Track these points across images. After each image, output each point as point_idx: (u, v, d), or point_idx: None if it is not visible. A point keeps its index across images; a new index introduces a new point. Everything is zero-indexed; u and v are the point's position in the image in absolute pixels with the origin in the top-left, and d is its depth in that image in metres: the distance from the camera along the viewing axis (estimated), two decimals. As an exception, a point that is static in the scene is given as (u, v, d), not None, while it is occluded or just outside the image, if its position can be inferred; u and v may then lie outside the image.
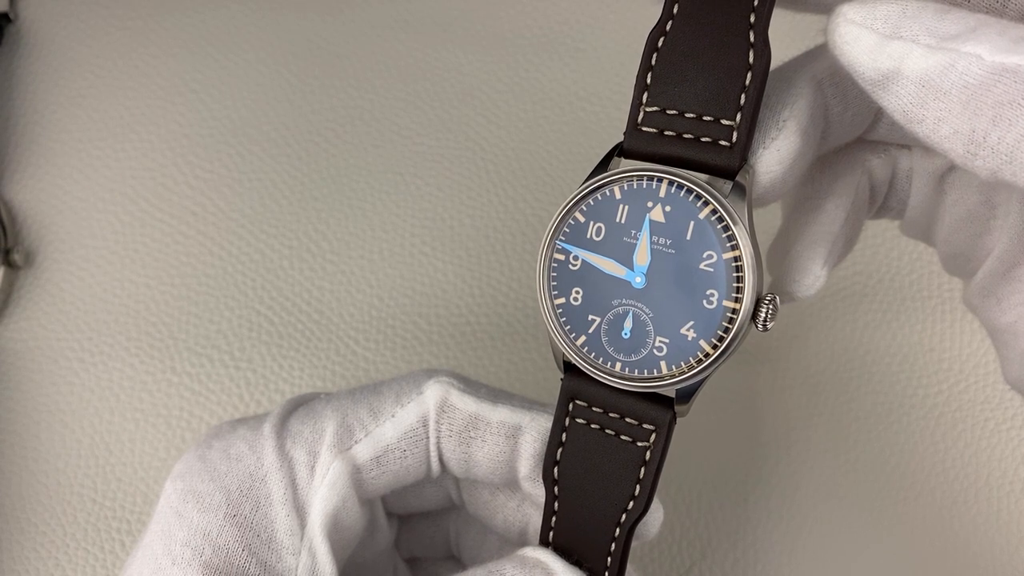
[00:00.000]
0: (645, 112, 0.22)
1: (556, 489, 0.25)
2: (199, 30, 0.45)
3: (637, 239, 0.23)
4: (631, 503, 0.24)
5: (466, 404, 0.25)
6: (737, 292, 0.22)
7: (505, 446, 0.25)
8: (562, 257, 0.24)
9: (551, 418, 0.25)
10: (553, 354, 0.24)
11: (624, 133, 0.23)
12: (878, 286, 0.40)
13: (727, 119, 0.21)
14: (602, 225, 0.23)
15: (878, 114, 0.24)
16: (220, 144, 0.43)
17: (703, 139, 0.22)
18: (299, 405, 0.27)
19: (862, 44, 0.19)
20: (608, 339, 0.23)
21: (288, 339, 0.40)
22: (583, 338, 0.24)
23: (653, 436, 0.23)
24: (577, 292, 0.24)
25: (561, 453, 0.25)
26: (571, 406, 0.24)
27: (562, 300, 0.24)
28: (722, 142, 0.22)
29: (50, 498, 0.37)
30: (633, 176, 0.22)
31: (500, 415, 0.25)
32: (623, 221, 0.23)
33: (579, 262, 0.23)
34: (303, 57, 0.45)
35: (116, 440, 0.38)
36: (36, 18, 0.46)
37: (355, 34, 0.45)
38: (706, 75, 0.22)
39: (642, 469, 0.24)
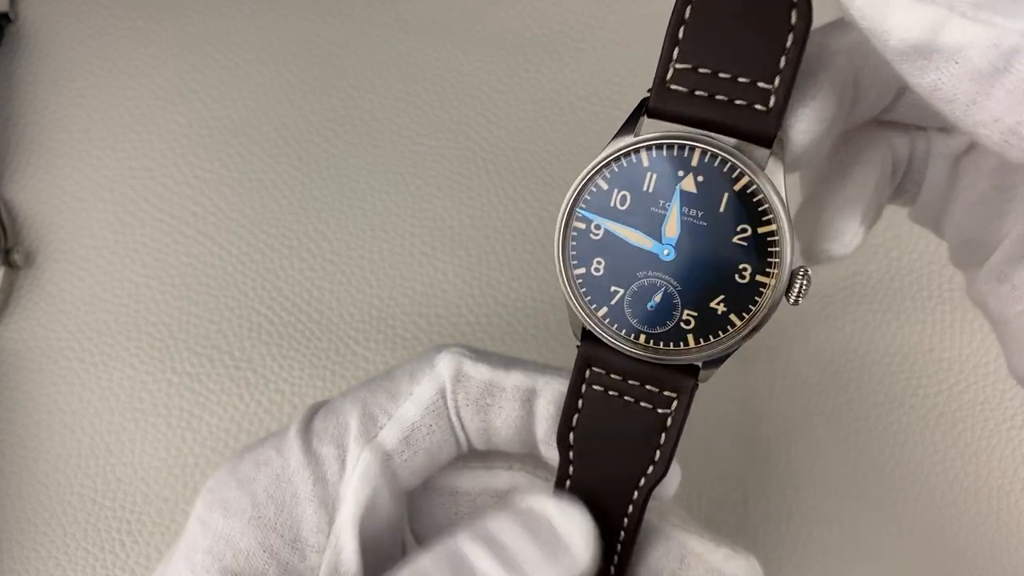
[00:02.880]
0: (675, 69, 0.21)
1: (571, 455, 0.24)
2: (199, 30, 0.45)
3: (666, 210, 0.22)
4: (651, 468, 0.24)
5: (480, 372, 0.25)
6: (769, 267, 0.21)
7: (521, 411, 0.25)
8: (583, 226, 0.23)
9: (566, 380, 0.25)
10: (570, 322, 0.24)
11: (649, 90, 0.22)
12: (878, 286, 0.40)
13: (764, 82, 0.20)
14: (627, 193, 0.22)
15: (900, 91, 0.23)
16: (220, 144, 0.43)
17: (737, 102, 0.21)
18: (319, 408, 0.26)
19: (889, 7, 0.17)
20: (632, 311, 0.22)
21: (288, 339, 0.40)
22: (605, 309, 0.23)
23: (675, 403, 0.23)
24: (599, 262, 0.23)
25: (577, 419, 0.24)
26: (588, 372, 0.24)
27: (582, 270, 0.23)
28: (758, 106, 0.20)
29: (50, 498, 0.37)
30: (664, 142, 0.21)
31: (514, 380, 0.25)
32: (651, 190, 0.22)
33: (601, 231, 0.22)
34: (303, 57, 0.45)
35: (116, 440, 0.38)
36: (36, 18, 0.46)
37: (355, 34, 0.45)
38: (744, 33, 0.20)
39: (663, 435, 0.23)
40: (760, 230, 0.21)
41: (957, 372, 0.38)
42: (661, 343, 0.22)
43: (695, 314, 0.22)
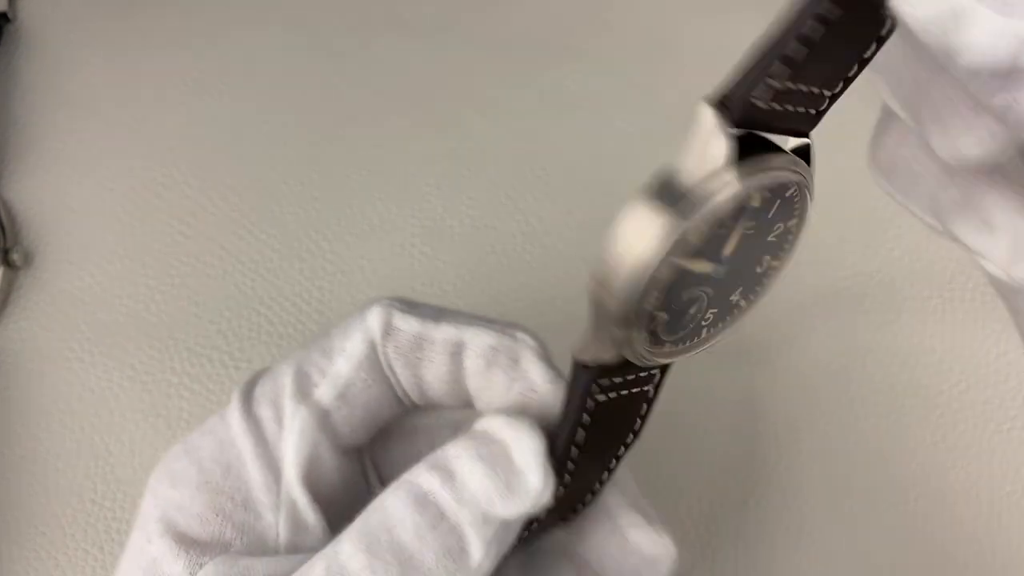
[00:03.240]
0: (773, 89, 0.17)
1: (568, 464, 0.24)
2: (199, 30, 0.45)
3: (732, 229, 0.19)
4: (630, 436, 0.24)
5: (409, 324, 0.25)
6: (783, 252, 0.21)
7: (451, 364, 0.25)
8: None
9: (495, 334, 0.24)
10: (580, 350, 0.22)
11: (724, 97, 0.18)
12: (878, 286, 0.40)
13: (831, 90, 0.19)
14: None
15: None
16: (220, 144, 0.43)
17: (799, 109, 0.19)
18: (263, 375, 0.27)
19: (962, 22, 0.14)
20: (666, 329, 0.20)
21: (288, 339, 0.40)
22: (643, 335, 0.20)
23: (658, 375, 0.23)
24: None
25: (584, 436, 0.23)
26: (593, 386, 0.22)
27: None
28: (812, 111, 0.19)
29: (50, 498, 0.37)
30: (761, 184, 0.19)
31: (443, 332, 0.24)
32: (722, 215, 0.19)
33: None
34: (303, 57, 0.45)
35: (116, 440, 0.38)
36: (36, 18, 0.46)
37: (355, 34, 0.45)
38: (843, 50, 0.18)
39: (644, 405, 0.23)
40: (789, 223, 0.20)
41: (957, 372, 0.38)
42: (679, 344, 0.21)
43: (715, 311, 0.21)
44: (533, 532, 0.25)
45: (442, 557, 0.21)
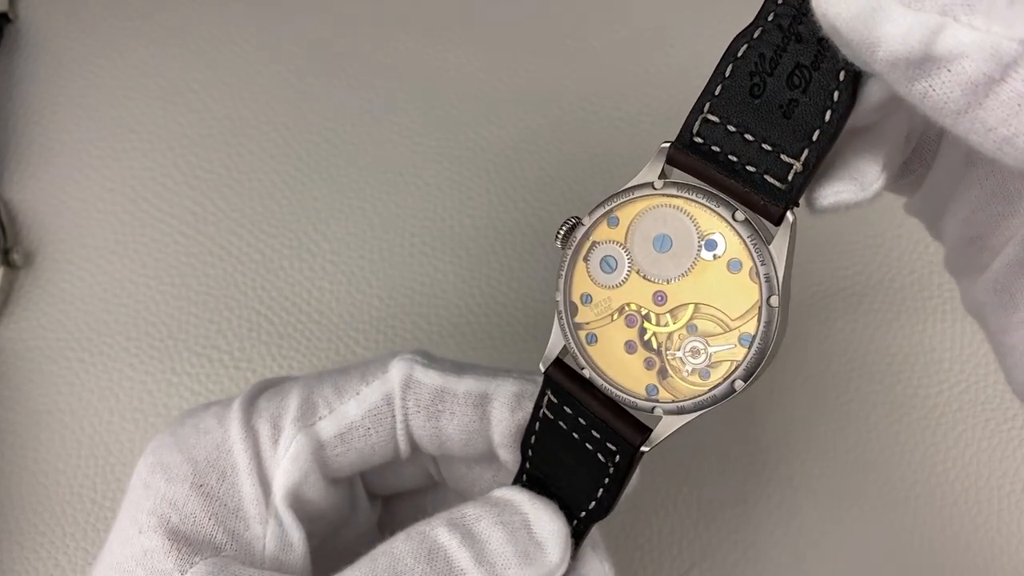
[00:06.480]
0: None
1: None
2: (199, 30, 0.45)
3: None
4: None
5: (431, 378, 0.25)
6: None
7: (474, 415, 0.25)
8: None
9: (517, 382, 0.25)
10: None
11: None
12: (878, 286, 0.40)
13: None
14: None
15: None
16: (220, 144, 0.43)
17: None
18: (269, 387, 0.27)
19: (878, 17, 0.16)
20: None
21: (288, 339, 0.40)
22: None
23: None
24: None
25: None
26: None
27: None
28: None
29: (50, 498, 0.37)
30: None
31: (466, 385, 0.25)
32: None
33: None
34: (303, 57, 0.45)
35: (116, 440, 0.38)
36: (36, 18, 0.46)
37: (355, 34, 0.45)
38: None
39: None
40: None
41: (957, 372, 0.38)
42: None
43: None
44: None
45: None
